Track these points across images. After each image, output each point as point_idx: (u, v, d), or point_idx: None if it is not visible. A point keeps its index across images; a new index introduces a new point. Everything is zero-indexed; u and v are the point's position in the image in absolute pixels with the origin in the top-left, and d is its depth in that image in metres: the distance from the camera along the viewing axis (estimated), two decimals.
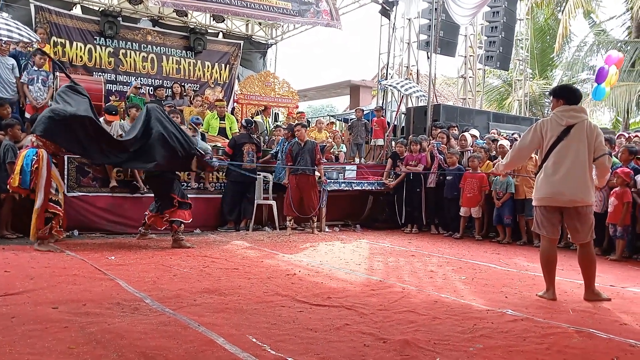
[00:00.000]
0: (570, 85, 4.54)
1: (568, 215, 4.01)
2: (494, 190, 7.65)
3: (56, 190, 5.56)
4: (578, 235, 4.04)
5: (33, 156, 5.38)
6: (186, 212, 6.25)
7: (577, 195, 3.91)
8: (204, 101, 10.45)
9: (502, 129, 10.50)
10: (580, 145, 3.96)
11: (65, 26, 11.04)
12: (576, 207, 3.95)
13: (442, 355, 2.65)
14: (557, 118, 4.06)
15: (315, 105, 33.24)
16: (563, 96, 4.13)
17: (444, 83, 20.69)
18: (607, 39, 17.21)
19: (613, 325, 3.36)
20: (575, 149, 3.95)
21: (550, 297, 4.07)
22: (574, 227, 4.03)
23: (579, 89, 4.40)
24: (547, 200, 4.02)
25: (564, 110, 4.06)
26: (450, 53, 12.10)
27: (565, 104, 4.08)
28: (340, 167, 9.42)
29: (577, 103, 4.11)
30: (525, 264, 5.77)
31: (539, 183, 4.09)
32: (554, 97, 4.20)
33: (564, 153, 3.96)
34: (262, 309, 3.49)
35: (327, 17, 11.52)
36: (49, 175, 5.45)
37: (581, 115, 4.06)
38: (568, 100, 4.09)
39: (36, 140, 5.51)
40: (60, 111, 5.42)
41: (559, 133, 4.00)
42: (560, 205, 3.99)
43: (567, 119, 4.01)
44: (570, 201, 3.94)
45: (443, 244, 7.29)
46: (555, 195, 3.95)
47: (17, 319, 3.01)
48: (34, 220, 5.42)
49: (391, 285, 4.41)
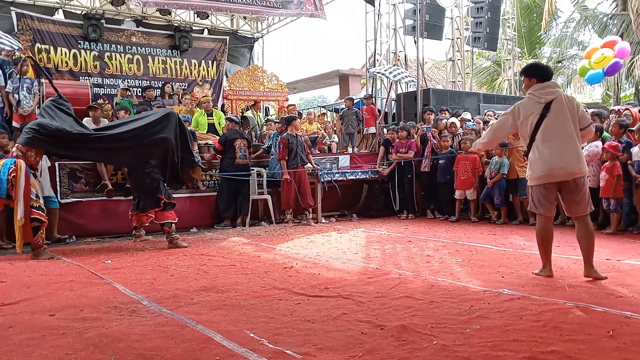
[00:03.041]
0: (540, 63, 4.58)
1: (567, 189, 3.99)
2: (488, 170, 7.66)
3: (36, 196, 5.52)
4: (577, 208, 4.00)
5: (11, 165, 5.34)
6: (171, 212, 6.25)
7: (574, 167, 3.93)
8: (192, 99, 10.39)
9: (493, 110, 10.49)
10: (564, 118, 3.97)
11: (49, 32, 10.94)
12: (574, 179, 3.95)
13: (439, 338, 2.66)
14: (534, 97, 4.06)
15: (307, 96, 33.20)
16: (536, 74, 4.14)
17: (433, 67, 20.65)
18: (593, 14, 17.18)
19: (609, 299, 3.38)
20: (560, 123, 3.96)
21: (547, 274, 4.09)
22: (572, 200, 4.00)
23: (549, 65, 4.44)
24: (546, 178, 3.99)
25: (539, 88, 4.07)
26: (437, 36, 12.07)
27: (538, 82, 4.09)
28: (334, 158, 9.42)
29: (549, 79, 4.13)
30: (522, 243, 5.80)
31: (533, 163, 4.08)
32: (526, 76, 4.20)
33: (550, 129, 3.96)
34: (259, 303, 3.49)
35: (311, 7, 11.45)
36: (28, 184, 5.40)
37: (557, 89, 4.09)
38: (541, 77, 4.11)
39: (17, 150, 5.48)
40: (46, 125, 5.50)
41: (540, 111, 4.00)
42: (560, 180, 3.98)
43: (545, 96, 4.00)
44: (569, 173, 3.94)
45: (439, 228, 7.31)
46: (554, 171, 3.94)
47: (14, 328, 3.00)
48: (18, 233, 5.39)
49: (388, 272, 4.42)
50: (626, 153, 6.25)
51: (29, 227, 5.42)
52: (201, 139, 8.60)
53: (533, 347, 2.52)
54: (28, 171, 5.44)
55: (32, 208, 5.43)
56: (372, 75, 11.68)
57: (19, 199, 5.33)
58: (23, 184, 5.35)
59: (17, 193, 5.32)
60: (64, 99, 6.01)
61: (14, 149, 5.56)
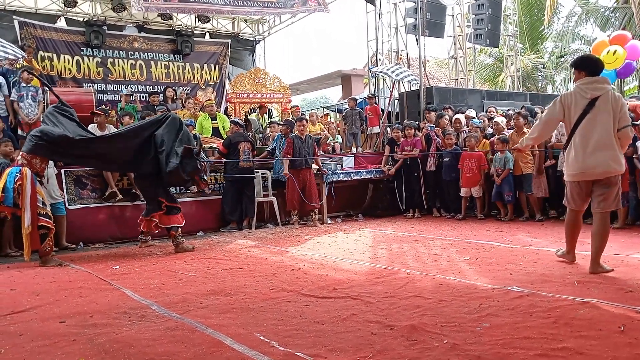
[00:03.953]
0: (592, 56, 4.43)
1: (599, 185, 3.98)
2: (493, 167, 7.64)
3: (43, 203, 5.55)
4: (605, 203, 3.99)
5: (17, 173, 5.36)
6: (177, 216, 6.26)
7: (610, 167, 3.91)
8: (195, 103, 10.42)
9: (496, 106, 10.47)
10: (606, 116, 3.91)
11: (51, 39, 11.00)
12: (608, 177, 3.95)
13: (450, 337, 2.66)
14: (581, 91, 3.99)
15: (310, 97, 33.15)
16: (585, 68, 4.05)
17: (435, 65, 20.61)
18: (595, 8, 17.11)
19: (618, 294, 3.36)
20: (601, 121, 3.91)
21: (570, 259, 4.28)
22: (602, 195, 3.98)
23: (600, 59, 4.32)
24: (580, 176, 4.01)
25: (587, 82, 3.99)
26: (439, 34, 12.05)
27: (587, 76, 4.01)
28: (338, 158, 9.41)
29: (599, 74, 4.06)
30: (529, 240, 5.77)
31: (569, 159, 4.07)
32: (575, 68, 4.11)
33: (591, 126, 3.92)
34: (268, 306, 3.50)
35: (314, 3, 11.43)
36: (34, 192, 5.42)
37: (605, 86, 4.01)
38: (590, 71, 4.02)
39: (21, 158, 5.51)
40: (49, 132, 5.52)
41: (584, 106, 3.94)
42: (593, 179, 3.98)
43: (591, 92, 3.95)
44: (603, 172, 3.93)
45: (446, 226, 7.30)
46: (588, 170, 3.94)
47: (25, 336, 3.02)
48: (25, 240, 5.41)
49: (396, 271, 4.42)
50: (631, 147, 6.22)
51: (37, 234, 5.45)
52: (205, 143, 8.61)
53: (544, 344, 2.51)
54: (34, 179, 5.47)
55: (39, 215, 5.45)
56: (375, 75, 11.67)
57: (25, 206, 5.35)
58: (29, 192, 5.37)
59: (24, 201, 5.34)
60: (66, 105, 6.03)
61: (19, 157, 5.59)
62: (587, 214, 4.45)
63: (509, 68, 15.04)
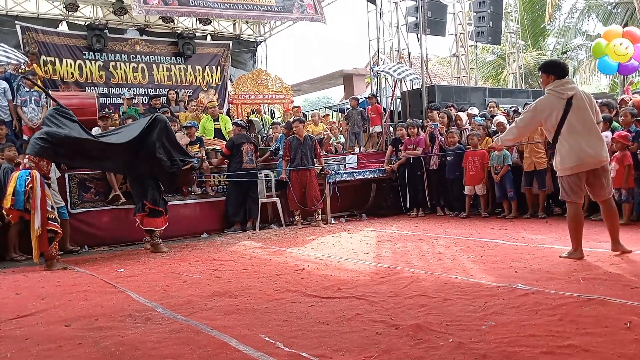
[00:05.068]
0: (557, 60, 4.93)
1: (595, 175, 4.28)
2: (492, 165, 7.63)
3: (52, 207, 5.57)
4: (604, 192, 4.34)
5: (26, 177, 5.38)
6: (159, 219, 6.34)
7: (602, 155, 4.27)
8: (198, 105, 10.44)
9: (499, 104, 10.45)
10: (586, 112, 4.29)
11: (53, 44, 11.01)
12: (602, 166, 4.28)
13: (455, 336, 2.65)
14: (556, 93, 4.33)
15: (312, 98, 33.18)
16: (554, 72, 4.42)
17: (437, 63, 20.57)
18: (597, 3, 17.05)
19: (624, 290, 3.34)
20: (584, 116, 4.27)
21: (578, 256, 4.35)
22: (600, 185, 4.32)
23: (565, 62, 4.83)
24: (578, 167, 4.25)
25: (559, 84, 4.35)
26: (440, 33, 12.03)
27: (557, 79, 4.37)
28: (341, 158, 9.41)
29: (565, 77, 4.42)
30: (533, 237, 5.75)
31: (563, 155, 4.31)
32: (544, 72, 4.50)
33: (575, 122, 4.24)
34: (273, 306, 3.50)
35: (312, 11, 11.43)
36: (44, 194, 5.45)
37: (574, 86, 4.42)
38: (559, 75, 4.39)
39: (29, 162, 5.52)
40: (55, 133, 5.53)
41: (563, 106, 4.26)
42: (590, 169, 4.25)
43: (566, 92, 4.31)
44: (599, 161, 4.25)
45: (450, 225, 7.28)
46: (586, 160, 4.22)
47: (31, 339, 3.03)
48: (35, 242, 5.42)
49: (400, 271, 4.41)
50: (636, 142, 6.20)
51: (46, 237, 5.46)
52: (208, 145, 8.64)
53: (550, 341, 2.50)
54: (43, 181, 5.50)
55: (48, 219, 5.48)
56: (377, 74, 11.65)
57: (36, 209, 5.37)
58: (40, 195, 5.40)
59: (35, 204, 5.36)
60: (64, 108, 6.04)
61: (26, 159, 5.59)
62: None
63: (511, 65, 15.01)
